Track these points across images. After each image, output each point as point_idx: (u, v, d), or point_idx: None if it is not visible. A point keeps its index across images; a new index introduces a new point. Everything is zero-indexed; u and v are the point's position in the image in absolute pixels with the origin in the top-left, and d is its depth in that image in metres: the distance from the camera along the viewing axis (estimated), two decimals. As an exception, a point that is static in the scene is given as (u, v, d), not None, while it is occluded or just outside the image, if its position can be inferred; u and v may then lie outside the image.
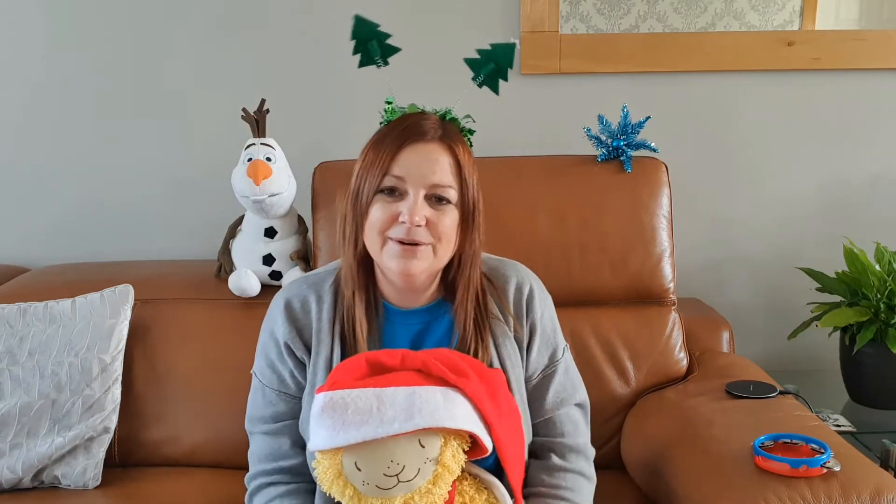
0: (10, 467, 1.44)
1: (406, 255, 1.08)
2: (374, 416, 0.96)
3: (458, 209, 1.11)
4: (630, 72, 1.95)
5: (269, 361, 1.19)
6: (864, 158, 2.02)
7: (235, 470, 1.52)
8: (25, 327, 1.56)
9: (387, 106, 1.16)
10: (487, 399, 1.04)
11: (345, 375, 1.02)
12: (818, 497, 1.12)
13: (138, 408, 1.57)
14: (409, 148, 1.09)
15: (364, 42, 1.18)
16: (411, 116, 1.13)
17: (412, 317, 1.18)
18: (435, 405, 0.99)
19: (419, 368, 1.03)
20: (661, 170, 1.66)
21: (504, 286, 1.20)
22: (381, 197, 1.09)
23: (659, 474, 1.34)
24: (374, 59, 1.19)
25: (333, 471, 0.99)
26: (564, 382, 1.23)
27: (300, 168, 1.71)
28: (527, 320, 1.20)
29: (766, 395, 1.45)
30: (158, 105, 1.96)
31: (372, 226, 1.09)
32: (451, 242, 1.11)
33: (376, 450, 0.97)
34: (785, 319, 1.92)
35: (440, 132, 1.11)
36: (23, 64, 1.94)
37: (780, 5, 1.95)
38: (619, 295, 1.64)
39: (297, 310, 1.18)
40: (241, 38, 1.93)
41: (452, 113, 1.17)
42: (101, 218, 2.00)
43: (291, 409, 1.19)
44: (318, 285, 1.20)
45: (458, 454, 1.01)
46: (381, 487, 0.98)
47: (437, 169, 1.09)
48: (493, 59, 1.18)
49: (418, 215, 1.06)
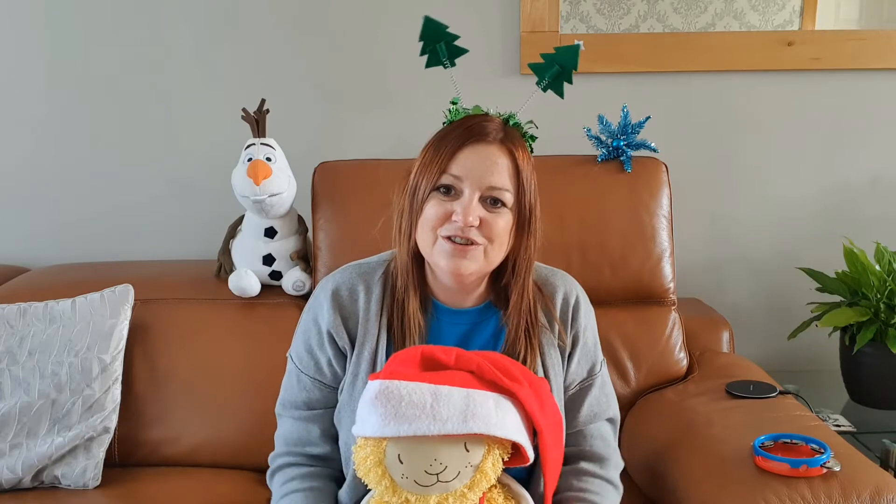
0: (10, 467, 1.44)
1: (457, 255, 1.08)
2: (427, 412, 0.96)
3: (515, 213, 1.11)
4: (630, 72, 1.95)
5: (308, 347, 1.19)
6: (864, 158, 2.02)
7: (235, 470, 1.52)
8: (25, 327, 1.56)
9: (451, 106, 1.17)
10: (538, 406, 1.04)
11: (400, 366, 1.02)
12: (818, 497, 1.12)
13: (138, 408, 1.57)
14: (468, 148, 1.09)
15: (432, 43, 1.19)
16: (474, 117, 1.13)
17: (460, 316, 1.18)
18: (488, 412, 0.99)
19: (472, 370, 1.03)
20: (661, 170, 1.66)
21: (552, 294, 1.20)
22: (436, 194, 1.09)
23: (659, 474, 1.34)
24: (442, 61, 1.20)
25: (375, 458, 0.99)
26: (599, 397, 1.23)
27: (300, 168, 1.71)
28: (571, 330, 1.20)
29: (766, 395, 1.45)
30: (158, 105, 1.96)
31: (425, 222, 1.09)
32: (503, 245, 1.11)
33: (423, 446, 0.97)
34: (785, 319, 1.92)
35: (501, 134, 1.11)
36: (23, 65, 1.94)
37: (780, 5, 1.95)
38: (619, 295, 1.64)
39: (345, 298, 1.17)
40: (241, 38, 1.93)
41: (516, 118, 1.17)
42: (102, 218, 2.00)
43: (325, 397, 1.19)
44: (368, 275, 1.19)
45: (497, 463, 1.02)
46: (419, 483, 0.98)
47: (496, 171, 1.08)
48: (557, 62, 1.20)
49: (472, 215, 1.06)
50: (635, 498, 1.43)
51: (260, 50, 1.94)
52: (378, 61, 1.91)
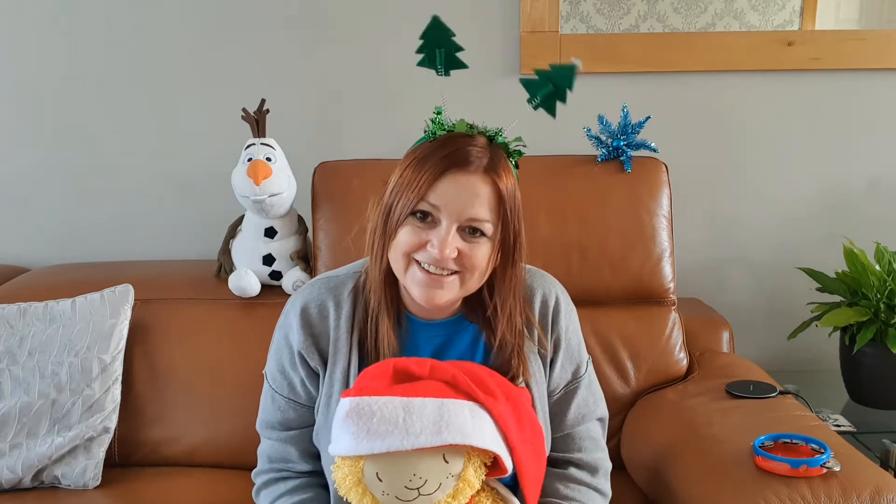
0: (10, 467, 1.44)
1: (431, 285, 1.04)
2: (399, 427, 0.94)
3: (499, 243, 1.06)
4: (630, 72, 1.95)
5: (280, 367, 1.16)
6: (864, 158, 2.02)
7: (235, 470, 1.52)
8: (25, 327, 1.56)
9: (434, 116, 1.09)
10: (513, 421, 1.02)
11: (372, 381, 1.00)
12: (818, 497, 1.12)
13: (138, 408, 1.57)
14: (449, 177, 1.02)
15: (433, 46, 1.11)
16: (457, 140, 1.05)
17: (435, 329, 1.15)
18: (463, 421, 0.97)
19: (447, 381, 1.01)
20: (661, 170, 1.66)
21: (530, 298, 1.17)
22: (412, 220, 1.04)
23: (659, 474, 1.34)
24: (437, 66, 1.11)
25: (353, 478, 0.97)
26: (587, 398, 1.21)
27: (300, 168, 1.71)
28: (552, 335, 1.17)
29: (766, 395, 1.45)
30: (158, 105, 1.96)
31: (398, 246, 1.05)
32: (482, 274, 1.06)
33: (399, 462, 0.95)
34: (785, 319, 1.92)
35: (485, 161, 1.04)
36: (23, 65, 1.94)
37: (780, 5, 1.95)
38: (619, 295, 1.64)
39: (314, 316, 1.14)
40: (241, 38, 1.93)
41: (503, 136, 1.10)
42: (101, 218, 2.00)
43: (300, 417, 1.17)
44: (337, 290, 1.15)
45: (479, 470, 1.00)
46: (400, 499, 0.96)
47: (476, 202, 1.02)
48: (551, 80, 1.13)
49: (448, 248, 1.02)
50: (635, 498, 1.43)
51: (260, 50, 1.94)
52: (378, 61, 1.91)
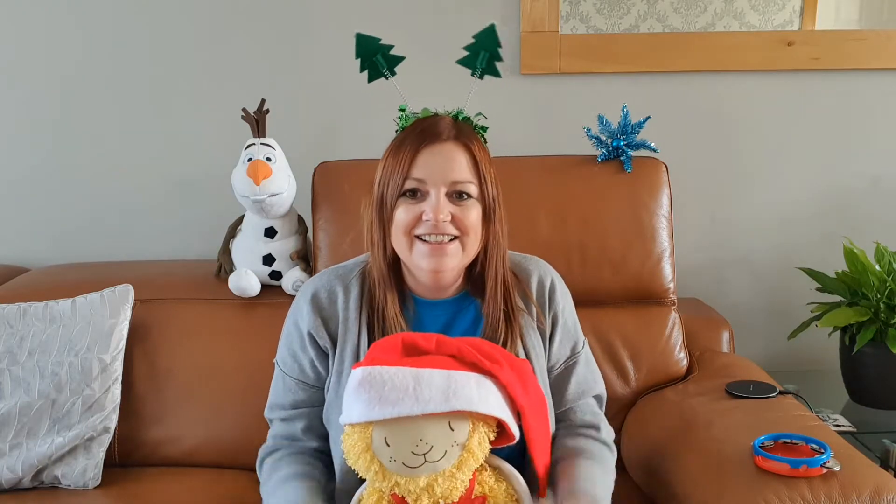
0: (10, 467, 1.44)
1: (435, 254, 1.12)
2: (410, 394, 0.99)
3: (480, 203, 1.14)
4: (630, 72, 1.95)
5: (291, 351, 1.23)
6: (864, 158, 2.02)
7: (235, 470, 1.52)
8: (25, 327, 1.56)
9: (400, 113, 1.20)
10: (519, 387, 1.06)
11: (382, 353, 1.04)
12: (818, 497, 1.12)
13: (138, 408, 1.57)
14: (426, 150, 1.12)
15: (369, 58, 1.21)
16: (425, 120, 1.17)
17: (439, 308, 1.21)
18: (469, 390, 1.01)
19: (453, 354, 1.05)
20: (661, 170, 1.66)
21: (527, 279, 1.24)
22: (404, 200, 1.13)
23: (659, 474, 1.34)
24: (382, 73, 1.22)
25: (362, 444, 1.00)
26: (586, 374, 1.27)
27: (300, 168, 1.71)
28: (549, 311, 1.24)
29: (766, 395, 1.45)
30: (158, 105, 1.96)
31: (398, 227, 1.13)
32: (477, 235, 1.15)
33: (407, 427, 0.99)
34: (785, 319, 1.91)
35: (454, 132, 1.15)
36: (23, 65, 1.94)
37: (780, 5, 1.95)
38: (619, 295, 1.64)
39: (324, 300, 1.21)
40: (242, 38, 1.93)
41: (464, 112, 1.20)
42: (102, 218, 2.00)
43: (310, 397, 1.22)
44: (344, 276, 1.23)
45: (483, 442, 1.03)
46: (407, 465, 0.99)
47: (456, 166, 1.12)
48: (481, 48, 1.22)
49: (442, 212, 1.10)
50: (635, 498, 1.43)
51: (260, 50, 1.94)
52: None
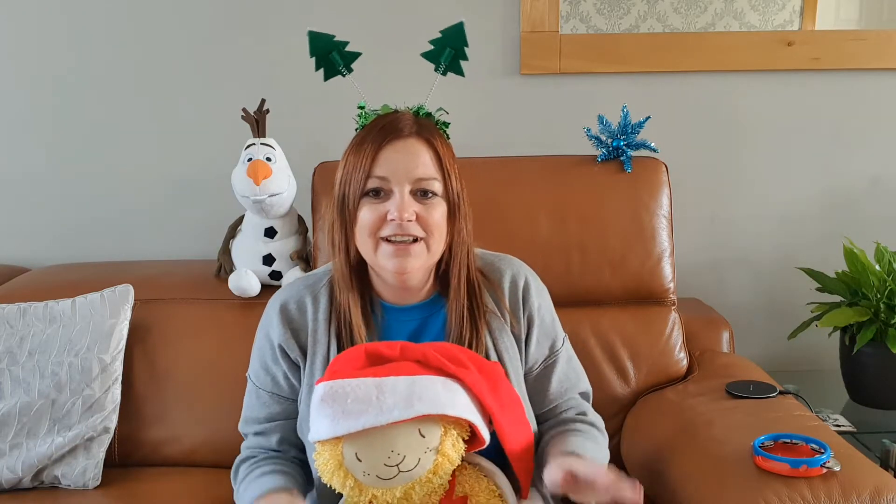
0: (10, 467, 1.44)
1: (400, 254, 1.09)
2: (373, 404, 0.97)
3: (444, 200, 1.12)
4: (630, 72, 1.95)
5: (263, 364, 1.21)
6: (864, 158, 2.02)
7: (235, 470, 1.52)
8: (25, 327, 1.56)
9: (359, 111, 1.17)
10: (487, 390, 1.04)
11: (344, 366, 1.03)
12: (818, 497, 1.12)
13: (138, 408, 1.57)
14: (388, 147, 1.10)
15: (325, 56, 1.19)
16: (386, 117, 1.14)
17: (408, 313, 1.19)
18: (435, 393, 0.99)
19: (418, 360, 1.04)
20: (661, 170, 1.66)
21: (499, 280, 1.21)
22: (367, 200, 1.10)
23: (659, 474, 1.34)
24: (339, 70, 1.20)
25: (334, 462, 0.99)
26: (567, 372, 1.24)
27: (300, 168, 1.71)
28: (524, 313, 1.21)
29: (766, 395, 1.45)
30: (158, 105, 1.96)
31: (362, 229, 1.10)
32: (442, 235, 1.12)
33: (376, 440, 0.97)
34: (785, 319, 1.91)
35: (416, 127, 1.12)
36: (22, 64, 1.94)
37: (780, 5, 1.95)
38: (619, 295, 1.63)
39: (293, 311, 1.19)
40: (241, 38, 1.93)
41: (426, 108, 1.18)
42: (102, 218, 2.00)
43: (284, 410, 1.20)
44: (313, 286, 1.20)
45: (457, 443, 1.01)
46: (381, 478, 0.98)
47: (419, 163, 1.10)
48: (447, 45, 1.20)
49: (407, 211, 1.08)
50: (635, 498, 1.43)
51: (260, 50, 1.94)
52: (379, 61, 1.91)
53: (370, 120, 1.15)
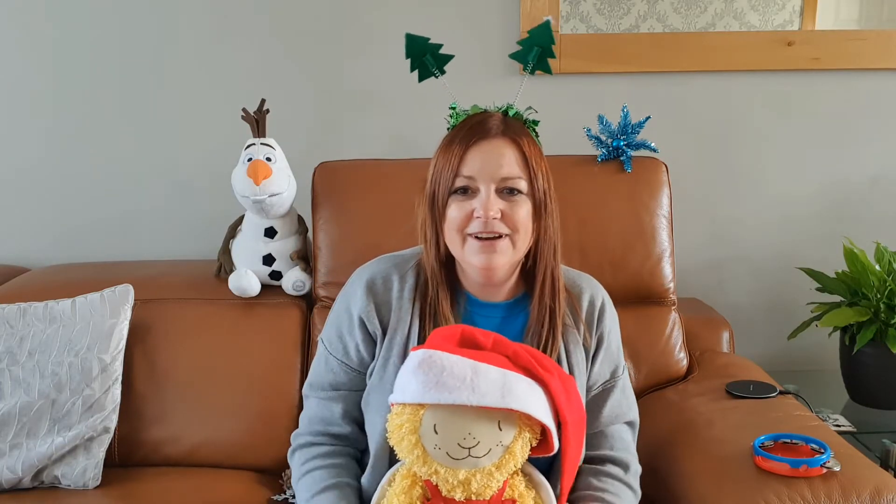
0: (10, 467, 1.44)
1: (486, 250, 1.12)
2: (467, 384, 0.99)
3: (530, 198, 1.14)
4: (630, 72, 1.95)
5: (338, 331, 1.24)
6: (864, 158, 2.02)
7: (235, 470, 1.52)
8: (25, 327, 1.56)
9: (451, 111, 1.20)
10: (565, 399, 1.06)
11: (442, 340, 1.05)
12: (818, 497, 1.12)
13: (138, 408, 1.57)
14: (475, 147, 1.13)
15: (419, 58, 1.22)
16: (474, 117, 1.18)
17: (492, 310, 1.22)
18: (523, 392, 1.02)
19: (508, 355, 1.06)
20: (661, 170, 1.66)
21: (579, 296, 1.23)
22: (455, 197, 1.14)
23: (659, 474, 1.34)
24: (433, 72, 1.23)
25: (410, 426, 1.01)
26: (621, 400, 1.25)
27: (300, 168, 1.71)
28: (596, 331, 1.23)
29: (766, 395, 1.45)
30: (158, 105, 1.96)
31: (450, 225, 1.14)
32: (528, 232, 1.15)
33: (459, 418, 1.00)
34: (785, 319, 1.92)
35: (503, 128, 1.15)
36: (24, 67, 1.94)
37: (780, 5, 1.95)
38: (619, 295, 1.61)
39: (379, 286, 1.22)
40: (241, 38, 1.93)
41: (514, 108, 1.20)
42: (102, 218, 2.00)
43: (350, 380, 1.23)
44: (402, 265, 1.23)
45: (526, 447, 1.04)
46: (451, 456, 1.00)
47: (504, 163, 1.13)
48: (535, 44, 1.23)
49: (492, 209, 1.11)
50: (635, 498, 1.43)
51: (260, 50, 1.94)
52: (379, 61, 1.92)
53: (460, 119, 1.18)
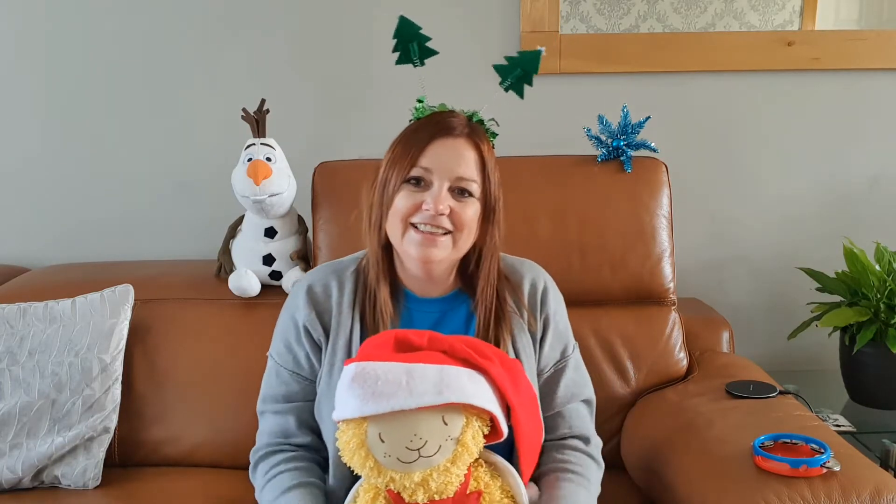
0: (10, 467, 1.44)
1: (427, 244, 1.13)
2: (403, 388, 0.99)
3: (481, 203, 1.16)
4: (630, 72, 1.95)
5: (286, 343, 1.23)
6: (864, 158, 2.02)
7: (235, 470, 1.52)
8: (25, 327, 1.56)
9: (418, 104, 1.21)
10: (510, 384, 1.06)
11: (374, 349, 1.05)
12: (818, 497, 1.12)
13: (138, 408, 1.57)
14: (437, 142, 1.14)
15: (405, 42, 1.23)
16: (441, 114, 1.19)
17: (431, 305, 1.22)
18: (462, 383, 1.02)
19: (445, 350, 1.06)
20: (661, 170, 1.66)
21: (519, 282, 1.25)
22: (407, 186, 1.14)
23: (659, 474, 1.34)
24: (412, 59, 1.24)
25: (357, 440, 1.01)
26: (575, 378, 1.27)
27: (300, 168, 1.71)
28: (541, 314, 1.25)
29: (766, 395, 1.45)
30: (158, 105, 1.96)
31: (396, 213, 1.14)
32: (471, 233, 1.16)
33: (401, 422, 0.99)
34: (785, 319, 1.92)
35: (467, 129, 1.17)
36: (23, 66, 1.94)
37: (780, 5, 1.95)
38: (619, 295, 1.64)
39: (319, 293, 1.22)
40: (241, 38, 1.93)
41: (479, 115, 1.22)
42: (102, 218, 2.00)
43: (303, 390, 1.22)
44: (340, 272, 1.24)
45: (477, 436, 1.03)
46: (402, 461, 1.00)
47: (463, 163, 1.14)
48: (520, 66, 1.25)
49: (442, 204, 1.12)
50: (635, 498, 1.43)
51: (260, 50, 1.94)
52: (378, 61, 1.91)
53: (426, 114, 1.20)
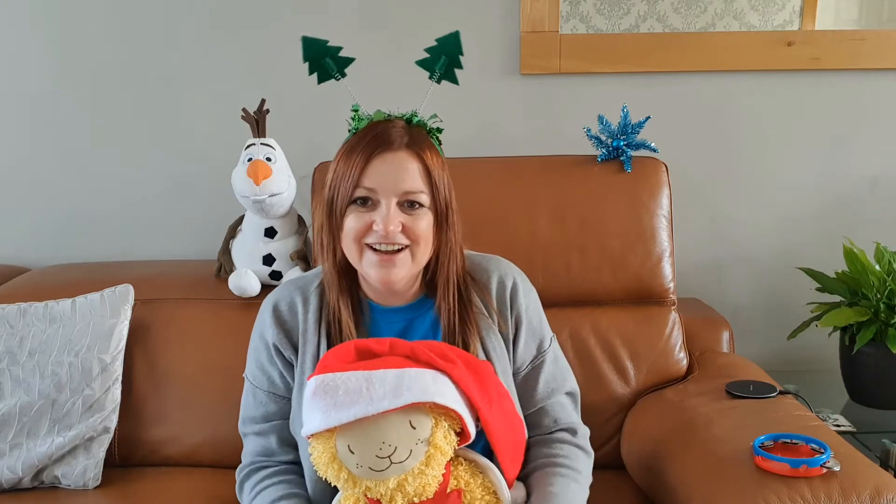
0: (10, 467, 1.45)
1: (385, 264, 1.11)
2: (363, 395, 0.98)
3: (432, 211, 1.13)
4: (630, 72, 1.95)
5: (259, 364, 1.23)
6: (864, 158, 2.02)
7: (235, 470, 1.52)
8: (25, 327, 1.56)
9: (353, 114, 1.18)
10: (475, 385, 1.05)
11: (335, 361, 1.04)
12: (818, 497, 1.12)
13: (138, 408, 1.57)
14: (377, 158, 1.10)
15: (317, 61, 1.20)
16: (378, 125, 1.14)
17: (396, 314, 1.21)
18: (424, 384, 1.01)
19: (407, 355, 1.05)
20: (661, 170, 1.66)
21: (486, 282, 1.22)
22: (354, 207, 1.11)
23: (659, 474, 1.34)
24: (332, 75, 1.21)
25: (328, 455, 1.00)
26: (554, 372, 1.25)
27: (300, 168, 1.71)
28: (511, 314, 1.22)
29: (766, 395, 1.45)
30: (158, 105, 1.96)
31: (347, 235, 1.11)
32: (428, 244, 1.13)
33: (368, 431, 0.99)
34: (785, 319, 1.91)
35: (406, 139, 1.12)
36: (23, 65, 1.94)
37: (780, 5, 1.95)
38: (619, 295, 1.64)
39: (285, 311, 1.21)
40: (241, 37, 1.93)
41: (418, 116, 1.18)
42: (101, 218, 2.00)
43: (281, 409, 1.22)
44: (304, 288, 1.22)
45: (449, 435, 1.02)
46: (374, 469, 0.99)
47: (407, 177, 1.10)
48: (443, 53, 1.20)
49: (392, 224, 1.09)
50: (635, 498, 1.43)
51: (260, 50, 1.94)
52: (379, 61, 1.91)
53: (363, 124, 1.15)
